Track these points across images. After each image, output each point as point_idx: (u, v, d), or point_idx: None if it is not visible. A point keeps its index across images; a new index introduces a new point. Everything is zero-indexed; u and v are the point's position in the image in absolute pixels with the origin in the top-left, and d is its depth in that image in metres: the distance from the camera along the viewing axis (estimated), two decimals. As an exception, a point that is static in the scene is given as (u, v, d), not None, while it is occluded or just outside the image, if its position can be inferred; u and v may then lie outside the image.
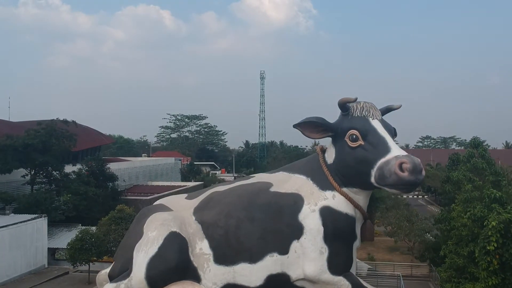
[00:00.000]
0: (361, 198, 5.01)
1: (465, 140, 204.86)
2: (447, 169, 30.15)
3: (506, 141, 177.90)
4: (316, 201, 4.94)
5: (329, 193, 4.97)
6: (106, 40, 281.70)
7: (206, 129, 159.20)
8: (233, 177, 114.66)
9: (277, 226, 4.94)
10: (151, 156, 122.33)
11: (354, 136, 4.75)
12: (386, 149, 4.55)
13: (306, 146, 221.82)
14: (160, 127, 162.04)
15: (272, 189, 5.13)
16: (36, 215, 36.57)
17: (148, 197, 55.06)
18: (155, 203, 5.70)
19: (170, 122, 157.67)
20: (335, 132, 4.91)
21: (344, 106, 4.90)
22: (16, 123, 64.70)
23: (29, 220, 35.26)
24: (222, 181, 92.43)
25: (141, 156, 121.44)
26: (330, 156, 5.11)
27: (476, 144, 24.64)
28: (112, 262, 22.49)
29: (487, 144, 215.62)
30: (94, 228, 34.64)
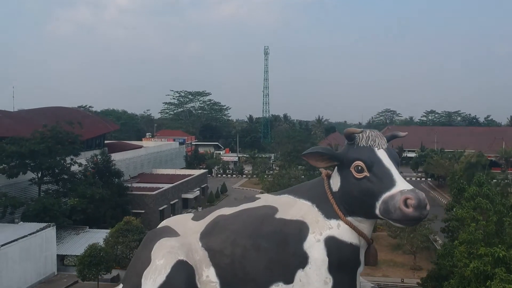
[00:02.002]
0: (366, 226, 5.09)
1: (470, 114, 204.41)
2: (452, 198, 30.26)
3: (511, 116, 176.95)
4: (321, 230, 5.01)
5: (334, 222, 5.02)
6: (109, 7, 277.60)
7: (209, 105, 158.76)
8: (237, 157, 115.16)
9: (282, 255, 5.02)
10: (156, 135, 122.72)
11: (359, 168, 4.80)
12: (391, 182, 4.62)
13: (309, 121, 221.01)
14: (163, 103, 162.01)
15: (278, 216, 5.18)
16: (45, 225, 37.17)
17: (154, 192, 55.75)
18: (161, 224, 5.80)
19: (173, 98, 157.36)
20: (341, 161, 4.99)
21: (350, 135, 5.00)
22: (19, 115, 64.67)
23: (38, 231, 35.87)
24: (226, 163, 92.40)
25: (145, 136, 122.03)
26: (335, 183, 5.14)
27: (480, 182, 24.80)
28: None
29: (491, 119, 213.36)
30: (102, 241, 35.20)
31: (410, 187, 4.54)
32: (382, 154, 4.82)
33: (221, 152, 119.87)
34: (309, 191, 5.39)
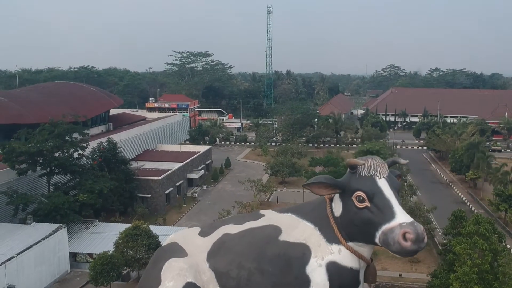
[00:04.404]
0: (366, 250, 5.26)
1: (475, 72, 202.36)
2: (449, 223, 31.12)
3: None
4: (323, 255, 5.18)
5: (335, 247, 5.19)
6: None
7: (212, 65, 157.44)
8: (240, 124, 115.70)
9: (286, 279, 5.21)
10: (159, 99, 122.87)
11: (361, 198, 4.92)
12: (391, 214, 4.75)
13: (312, 77, 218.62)
14: (166, 63, 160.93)
15: (281, 238, 5.36)
16: (57, 226, 38.50)
17: (160, 177, 56.85)
18: (169, 239, 5.99)
19: (176, 59, 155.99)
20: (343, 190, 5.13)
21: (352, 165, 5.15)
22: (23, 96, 64.59)
23: (50, 234, 37.25)
24: (229, 133, 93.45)
25: (148, 100, 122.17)
26: (337, 208, 5.26)
27: (479, 221, 25.61)
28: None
29: (497, 73, 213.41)
30: (112, 244, 36.59)
31: (409, 219, 4.67)
32: (383, 184, 4.95)
33: (225, 118, 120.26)
34: (311, 212, 5.52)
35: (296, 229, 5.38)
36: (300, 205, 5.95)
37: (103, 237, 41.51)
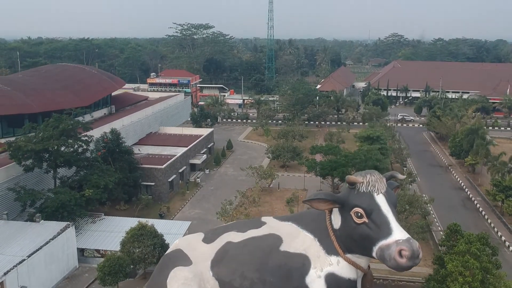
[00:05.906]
0: (363, 261, 5.40)
1: (480, 40, 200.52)
2: (444, 236, 31.98)
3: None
4: (322, 266, 5.32)
5: (334, 259, 5.33)
6: None
7: (213, 37, 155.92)
8: (241, 100, 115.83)
9: None
10: (160, 75, 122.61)
11: (359, 214, 5.04)
12: (388, 231, 4.87)
13: (314, 46, 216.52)
14: (166, 35, 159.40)
15: (282, 248, 5.51)
16: (65, 225, 39.63)
17: (163, 166, 57.73)
18: (174, 245, 6.17)
19: (176, 31, 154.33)
20: (342, 205, 5.28)
21: (351, 182, 5.28)
22: (25, 83, 64.60)
23: (59, 233, 38.44)
24: (232, 111, 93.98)
25: (149, 76, 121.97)
26: (336, 221, 5.40)
27: (470, 240, 26.46)
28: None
29: (501, 39, 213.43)
30: (118, 243, 37.84)
31: (405, 236, 4.80)
32: (381, 200, 5.07)
33: (226, 94, 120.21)
34: (311, 222, 5.67)
35: (296, 239, 5.55)
36: (301, 214, 6.13)
37: (109, 233, 42.76)
